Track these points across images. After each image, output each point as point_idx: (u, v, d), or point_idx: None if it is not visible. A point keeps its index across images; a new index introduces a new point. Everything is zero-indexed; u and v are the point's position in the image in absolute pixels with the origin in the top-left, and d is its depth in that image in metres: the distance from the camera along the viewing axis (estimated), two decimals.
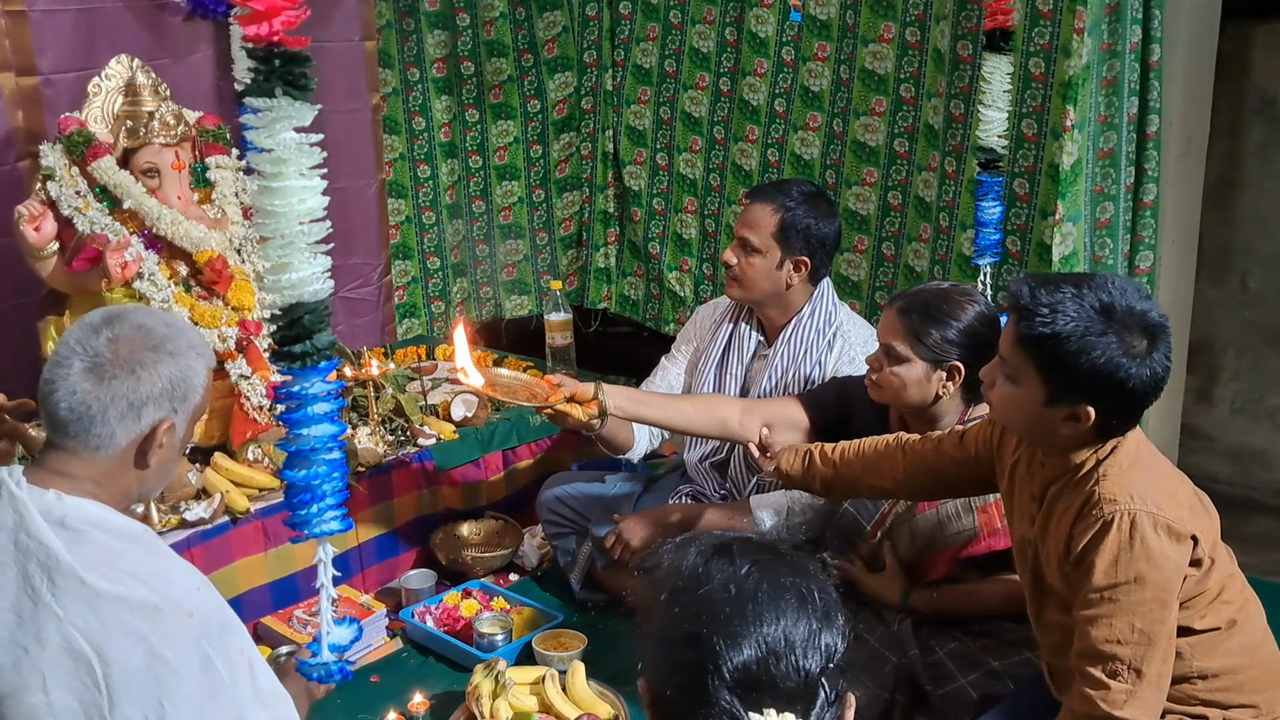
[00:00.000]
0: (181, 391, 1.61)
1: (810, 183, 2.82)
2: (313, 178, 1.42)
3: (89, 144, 2.84)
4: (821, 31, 3.66)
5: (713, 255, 4.13)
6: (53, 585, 1.47)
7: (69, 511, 1.54)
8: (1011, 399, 1.77)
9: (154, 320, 1.65)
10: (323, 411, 1.44)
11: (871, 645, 2.26)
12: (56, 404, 1.56)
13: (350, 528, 1.52)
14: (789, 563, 1.20)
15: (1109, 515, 1.69)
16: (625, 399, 2.48)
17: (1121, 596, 1.67)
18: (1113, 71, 3.04)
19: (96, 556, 1.51)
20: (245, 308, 2.90)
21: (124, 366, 1.57)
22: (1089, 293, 1.68)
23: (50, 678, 1.46)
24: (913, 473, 2.13)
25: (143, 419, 1.58)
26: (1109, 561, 1.68)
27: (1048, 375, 1.70)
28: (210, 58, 3.50)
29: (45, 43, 3.09)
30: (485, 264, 4.43)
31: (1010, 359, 1.75)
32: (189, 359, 1.63)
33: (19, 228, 2.76)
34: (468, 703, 2.41)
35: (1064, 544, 1.76)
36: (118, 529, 1.57)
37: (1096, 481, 1.73)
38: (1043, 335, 1.68)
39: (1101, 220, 3.13)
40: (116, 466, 1.60)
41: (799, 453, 2.27)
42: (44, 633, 1.46)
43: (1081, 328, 1.65)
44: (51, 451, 1.60)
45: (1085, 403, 1.69)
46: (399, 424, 3.18)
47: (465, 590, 2.93)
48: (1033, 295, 1.70)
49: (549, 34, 4.20)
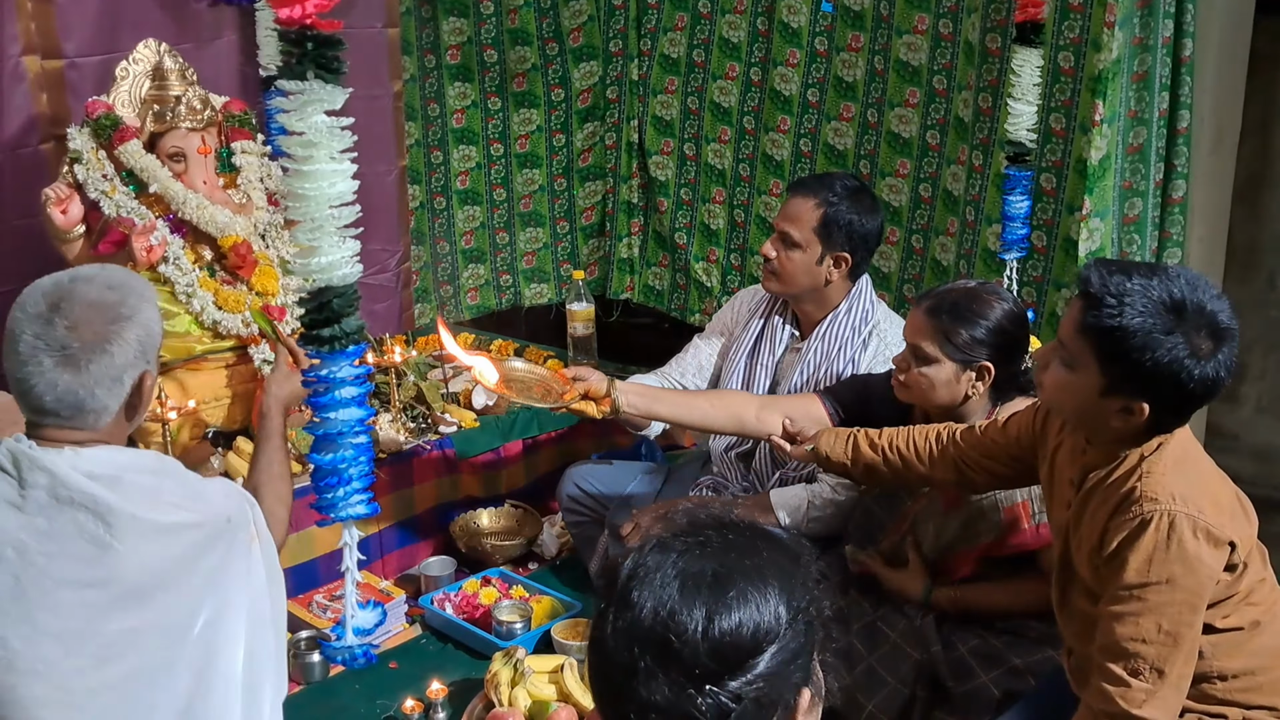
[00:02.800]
0: (150, 343, 1.68)
1: (854, 176, 2.79)
2: (343, 161, 1.42)
3: (116, 127, 2.86)
4: (855, 22, 3.64)
5: (741, 246, 4.11)
6: (109, 527, 1.56)
7: (95, 462, 1.62)
8: (1066, 384, 1.73)
9: (98, 290, 1.66)
10: (350, 395, 1.44)
11: (893, 640, 2.25)
12: (40, 397, 1.61)
13: (376, 512, 1.53)
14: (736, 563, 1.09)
15: (1148, 514, 1.66)
16: (639, 396, 2.44)
17: (1151, 596, 1.65)
18: (1144, 66, 3.00)
19: (138, 495, 1.60)
20: (269, 293, 2.91)
21: (94, 348, 1.61)
22: (1160, 286, 1.63)
23: (122, 608, 1.56)
24: (960, 462, 2.10)
25: (125, 384, 1.65)
26: (1143, 560, 1.65)
27: (1107, 366, 1.66)
28: (234, 43, 3.50)
29: (70, 26, 3.11)
30: (505, 252, 4.43)
31: (1070, 344, 1.71)
32: (144, 313, 1.68)
33: (46, 210, 2.78)
34: (486, 690, 2.41)
35: (1098, 535, 1.73)
36: (143, 466, 1.66)
37: (1140, 478, 1.70)
38: (1109, 327, 1.63)
39: (1130, 216, 3.10)
40: (111, 425, 1.67)
41: (842, 435, 2.23)
42: (113, 571, 1.56)
43: (1149, 324, 1.61)
44: (45, 428, 1.65)
45: (1141, 398, 1.66)
46: (420, 411, 3.19)
47: (485, 578, 2.93)
48: (1102, 283, 1.64)
49: (574, 22, 4.18)
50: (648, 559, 1.08)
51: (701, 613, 1.03)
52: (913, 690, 2.17)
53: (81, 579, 1.57)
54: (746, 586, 1.06)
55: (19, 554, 1.58)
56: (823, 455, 2.24)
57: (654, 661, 1.02)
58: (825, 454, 2.23)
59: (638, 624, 1.04)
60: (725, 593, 1.04)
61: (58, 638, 1.57)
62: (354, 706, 2.47)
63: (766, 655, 1.04)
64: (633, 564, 1.08)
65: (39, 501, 1.59)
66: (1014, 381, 2.30)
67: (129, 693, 1.63)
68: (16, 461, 1.61)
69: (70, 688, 1.58)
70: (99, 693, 1.61)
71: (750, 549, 1.11)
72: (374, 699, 2.50)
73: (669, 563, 1.07)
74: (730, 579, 1.06)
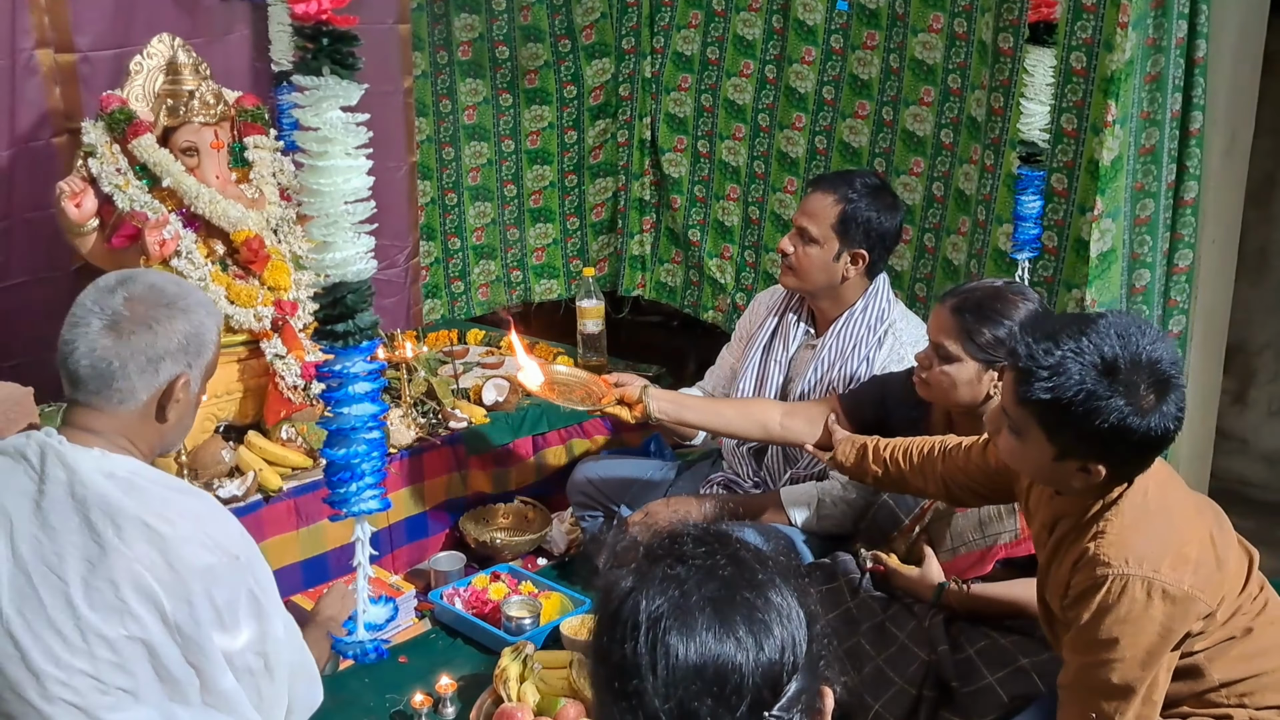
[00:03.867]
0: (195, 347, 1.70)
1: (875, 174, 2.80)
2: (358, 157, 1.43)
3: (130, 122, 2.86)
4: (871, 20, 3.64)
5: (756, 243, 4.11)
6: (118, 529, 1.58)
7: (114, 465, 1.64)
8: (1018, 451, 1.73)
9: (165, 280, 1.74)
10: (364, 391, 1.45)
11: (901, 641, 2.25)
12: (78, 361, 1.65)
13: (388, 507, 1.54)
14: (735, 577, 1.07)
15: (1100, 577, 1.65)
16: (669, 402, 2.54)
17: (1101, 653, 1.66)
18: (1157, 67, 3.00)
19: (152, 503, 1.62)
20: (281, 288, 2.91)
21: (141, 323, 1.66)
22: (1090, 348, 1.59)
23: (125, 613, 1.57)
24: (949, 479, 2.11)
25: (160, 374, 1.67)
26: (1093, 618, 1.66)
27: (1054, 435, 1.65)
28: (247, 38, 3.51)
29: (83, 20, 3.12)
30: (515, 248, 4.43)
31: (1013, 415, 1.70)
32: (200, 315, 1.72)
33: (60, 204, 2.79)
34: (495, 685, 2.41)
35: (1064, 584, 1.74)
36: (162, 480, 1.68)
37: (1094, 537, 1.68)
38: (1046, 400, 1.61)
39: (1141, 217, 3.09)
40: (139, 420, 1.69)
41: (854, 444, 2.27)
42: (115, 573, 1.57)
43: (1085, 391, 1.58)
44: (76, 409, 1.69)
45: (1095, 460, 1.65)
46: (430, 407, 3.19)
47: (494, 574, 2.94)
48: (1030, 355, 1.63)
49: (587, 20, 4.19)
50: (660, 602, 1.04)
51: (749, 640, 1.03)
52: (919, 691, 2.18)
53: (88, 580, 1.58)
54: (770, 603, 1.06)
55: (33, 551, 1.59)
56: (838, 461, 2.29)
57: (715, 703, 1.01)
58: (840, 460, 2.28)
59: (683, 668, 1.01)
60: (756, 615, 1.04)
61: (64, 638, 1.58)
62: (363, 700, 2.48)
63: (802, 666, 1.05)
64: (647, 611, 1.04)
65: (55, 498, 1.60)
66: None
67: (136, 696, 1.63)
68: (43, 455, 1.63)
69: (77, 687, 1.59)
70: (108, 692, 1.61)
71: (754, 563, 1.10)
72: (383, 693, 2.51)
73: (692, 599, 1.04)
74: (754, 601, 1.05)
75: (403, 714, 2.45)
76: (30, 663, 1.57)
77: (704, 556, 1.08)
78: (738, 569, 1.08)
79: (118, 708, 1.62)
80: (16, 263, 3.16)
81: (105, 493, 1.60)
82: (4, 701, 1.59)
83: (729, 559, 1.09)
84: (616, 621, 1.05)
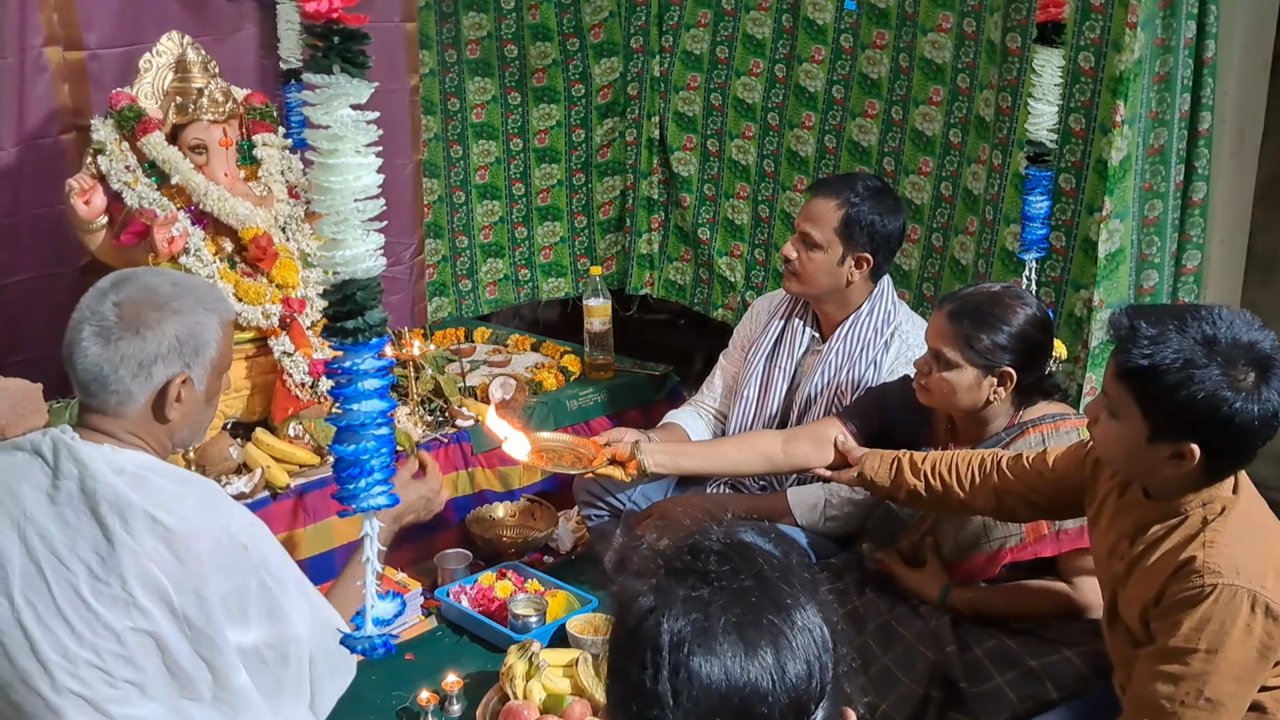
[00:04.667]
0: (192, 347, 1.71)
1: (876, 176, 2.79)
2: (368, 155, 1.43)
3: (139, 119, 2.87)
4: (880, 19, 3.64)
5: (766, 241, 4.11)
6: (126, 523, 1.59)
7: (125, 460, 1.66)
8: (1114, 436, 1.72)
9: (160, 280, 1.74)
10: (373, 387, 1.45)
11: (908, 640, 2.25)
12: (75, 367, 1.68)
13: (397, 503, 1.54)
14: (758, 600, 1.03)
15: (1208, 586, 1.63)
16: (664, 454, 2.43)
17: (1195, 663, 1.63)
18: (1165, 67, 2.99)
19: (159, 497, 1.63)
20: (289, 285, 2.92)
21: (129, 328, 1.67)
22: (1193, 324, 1.61)
23: (133, 606, 1.59)
24: (1003, 491, 2.08)
25: (154, 376, 1.68)
26: (1193, 627, 1.63)
27: (1149, 410, 1.64)
28: (254, 36, 3.52)
29: (92, 18, 3.13)
30: (523, 246, 4.44)
31: (1112, 393, 1.70)
32: (196, 315, 1.72)
33: (69, 201, 2.80)
34: (501, 683, 2.42)
35: (1154, 593, 1.71)
36: (172, 474, 1.70)
37: (1203, 546, 1.67)
38: (1142, 367, 1.62)
39: (1150, 218, 3.09)
40: (143, 420, 1.71)
41: (885, 459, 2.22)
42: (123, 566, 1.59)
43: (1183, 359, 1.59)
44: (85, 413, 1.72)
45: (1189, 440, 1.63)
46: (437, 405, 3.20)
47: (500, 571, 2.94)
48: (1132, 327, 1.64)
49: (595, 18, 4.19)
50: (682, 624, 1.00)
51: (776, 667, 0.99)
52: (927, 690, 2.17)
53: (97, 572, 1.59)
54: (796, 625, 1.02)
55: (44, 543, 1.60)
56: (868, 479, 2.23)
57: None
58: (870, 477, 2.22)
59: (707, 698, 0.98)
60: (783, 640, 1.01)
61: (73, 630, 1.59)
62: (370, 698, 2.48)
63: (829, 685, 1.03)
64: (670, 634, 1.00)
65: (68, 492, 1.62)
66: (1037, 386, 2.29)
67: (144, 690, 1.64)
68: (56, 450, 1.65)
69: (85, 679, 1.60)
70: (116, 685, 1.62)
71: (780, 583, 1.06)
72: (390, 690, 2.52)
73: (717, 623, 1.00)
74: (780, 625, 1.02)
75: (409, 711, 2.46)
76: (39, 653, 1.58)
77: (729, 576, 1.04)
78: (764, 590, 1.04)
79: (125, 701, 1.63)
80: (24, 259, 3.18)
81: (114, 487, 1.61)
82: (14, 691, 1.60)
83: (754, 578, 1.05)
84: (635, 641, 1.02)
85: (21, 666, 1.59)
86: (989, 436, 2.29)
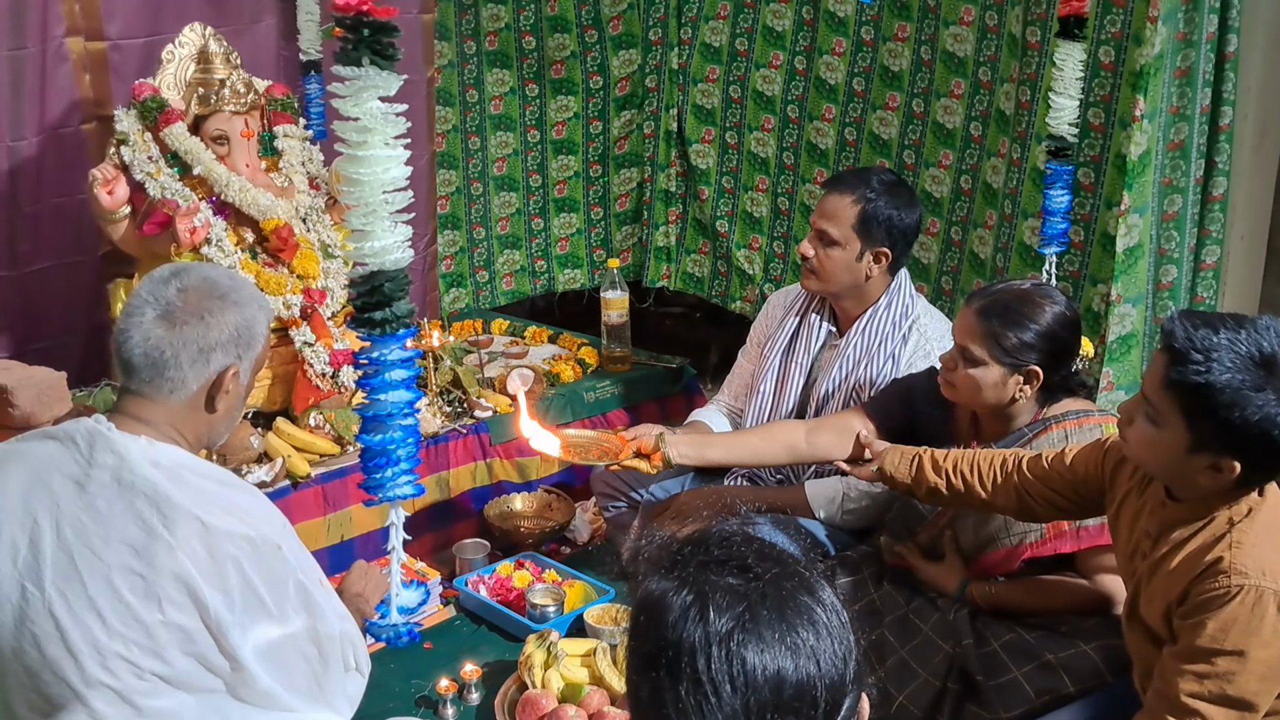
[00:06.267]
0: (246, 339, 1.73)
1: (891, 170, 2.78)
2: (396, 147, 1.44)
3: (162, 110, 2.89)
4: (902, 12, 3.63)
5: (785, 234, 4.11)
6: (164, 517, 1.60)
7: (161, 455, 1.66)
8: (1151, 440, 1.70)
9: (218, 273, 1.77)
10: (400, 378, 1.47)
11: (925, 633, 2.25)
12: (131, 350, 1.68)
13: (422, 492, 1.56)
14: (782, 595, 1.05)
15: (1235, 587, 1.63)
16: (689, 445, 2.46)
17: (1221, 663, 1.64)
18: (1187, 61, 2.98)
19: (196, 493, 1.64)
20: (310, 276, 2.94)
21: (194, 314, 1.68)
22: (1248, 340, 1.59)
23: (165, 599, 1.59)
24: (1025, 490, 2.07)
25: (211, 364, 1.70)
26: (1219, 627, 1.63)
27: (1194, 424, 1.62)
28: (274, 27, 3.54)
29: (113, 9, 3.15)
30: (540, 237, 4.45)
31: (1155, 401, 1.67)
32: (251, 309, 1.74)
33: (93, 191, 2.82)
34: (520, 672, 2.43)
35: (1179, 593, 1.71)
36: (208, 473, 1.70)
37: (1230, 547, 1.66)
38: (1195, 384, 1.59)
39: (1169, 213, 3.08)
40: (188, 410, 1.72)
41: (906, 456, 2.21)
42: (158, 560, 1.59)
43: (1238, 380, 1.57)
44: (128, 397, 1.72)
45: (1231, 456, 1.62)
46: (456, 396, 3.21)
47: (518, 561, 2.95)
48: (1188, 337, 1.61)
49: (614, 10, 4.19)
50: (727, 615, 1.02)
51: (813, 649, 1.02)
52: (944, 683, 2.17)
53: (130, 565, 1.60)
54: (830, 609, 1.05)
55: (76, 533, 1.61)
56: (887, 474, 2.23)
57: (800, 717, 1.00)
58: (890, 473, 2.22)
59: (764, 682, 1.00)
60: (818, 623, 1.03)
61: (104, 621, 1.59)
62: (389, 685, 2.49)
63: (851, 672, 1.05)
64: (717, 623, 1.02)
65: (102, 482, 1.62)
66: (1063, 384, 2.28)
67: (171, 684, 1.65)
68: (91, 440, 1.65)
69: (114, 671, 1.61)
70: (144, 678, 1.63)
71: (805, 572, 1.09)
72: (409, 678, 2.52)
73: (760, 613, 1.02)
74: (815, 608, 1.04)
75: (428, 699, 2.46)
76: (69, 643, 1.59)
77: (763, 566, 1.06)
78: (797, 579, 1.06)
79: (153, 693, 1.64)
80: (45, 247, 3.20)
81: (153, 480, 1.62)
82: (44, 682, 1.61)
83: (784, 567, 1.07)
84: (677, 633, 1.03)
85: (51, 656, 1.60)
86: (1012, 432, 2.29)
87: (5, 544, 1.62)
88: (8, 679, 1.63)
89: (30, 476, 1.65)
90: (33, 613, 1.60)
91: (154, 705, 1.64)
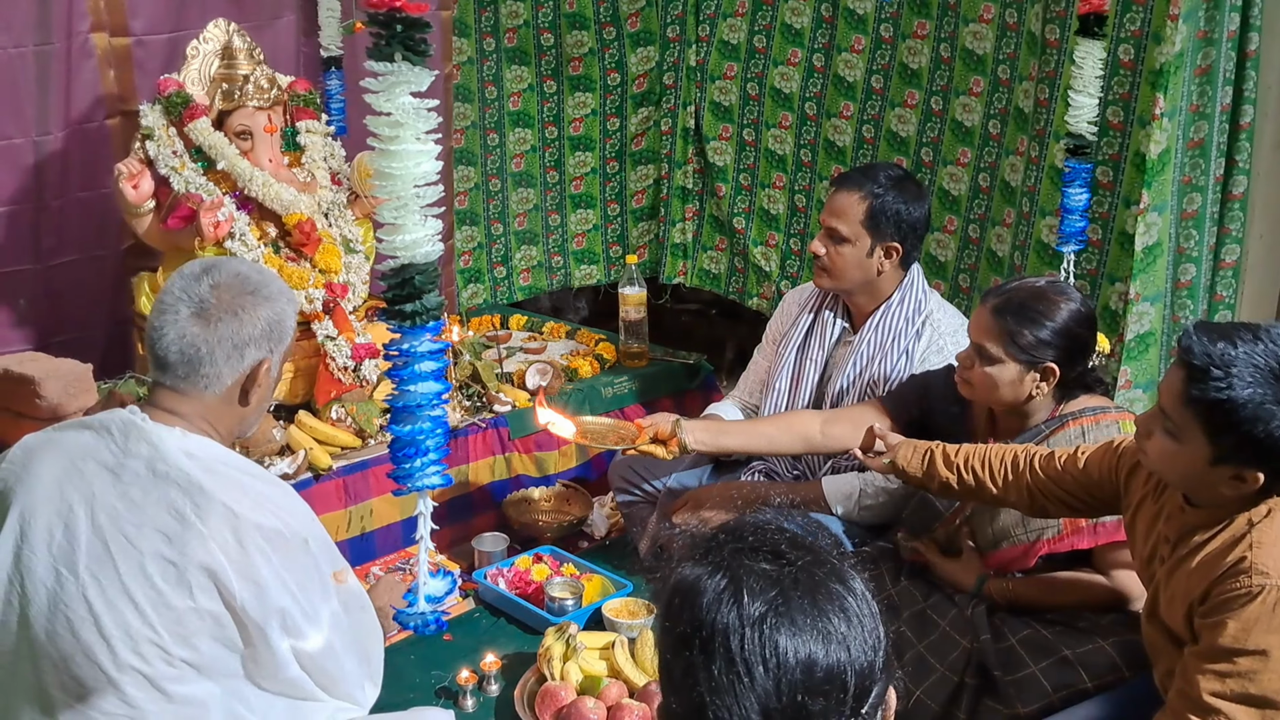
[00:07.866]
0: (278, 333, 1.77)
1: (897, 165, 2.79)
2: (428, 142, 1.46)
3: (186, 105, 2.91)
4: (921, 9, 3.63)
5: (802, 231, 4.12)
6: (197, 507, 1.63)
7: (194, 446, 1.69)
8: (1171, 454, 1.70)
9: (248, 269, 1.80)
10: (429, 369, 1.48)
11: (942, 628, 2.26)
12: (167, 348, 1.70)
13: (450, 483, 1.58)
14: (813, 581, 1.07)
15: (1256, 586, 1.64)
16: (704, 432, 2.49)
17: (1243, 662, 1.64)
18: (1208, 60, 2.98)
19: (228, 485, 1.67)
20: (332, 270, 2.96)
21: (228, 310, 1.71)
22: (1266, 352, 1.59)
23: (195, 587, 1.62)
24: (1037, 488, 2.08)
25: (245, 359, 1.73)
26: (1241, 627, 1.64)
27: (1216, 439, 1.62)
28: (294, 24, 3.55)
29: (138, 4, 3.17)
30: (556, 233, 4.46)
31: (1175, 416, 1.67)
32: (281, 303, 1.78)
33: (118, 185, 2.84)
34: (539, 664, 2.45)
35: (1200, 594, 1.71)
36: (240, 466, 1.74)
37: (1250, 547, 1.67)
38: (1215, 400, 1.59)
39: (1189, 211, 3.08)
40: (222, 404, 1.75)
41: (919, 449, 2.21)
42: (189, 548, 1.62)
43: (1259, 394, 1.57)
44: (162, 391, 1.75)
45: (1255, 468, 1.63)
46: (475, 390, 3.23)
47: (536, 555, 2.97)
48: (1205, 353, 1.61)
49: (632, 8, 4.20)
50: (759, 600, 1.04)
51: (844, 636, 1.04)
52: (961, 678, 2.19)
53: (162, 552, 1.62)
54: (860, 597, 1.07)
55: (110, 520, 1.64)
56: (900, 468, 2.23)
57: (826, 703, 1.02)
58: (902, 467, 2.23)
59: (797, 667, 1.02)
60: (849, 611, 1.06)
61: (136, 606, 1.63)
62: (409, 676, 2.52)
63: (880, 662, 1.07)
64: (750, 607, 1.04)
65: (136, 472, 1.65)
66: (1080, 381, 2.29)
67: (200, 670, 1.68)
68: (125, 430, 1.68)
69: (145, 655, 1.64)
70: (173, 664, 1.66)
71: (836, 560, 1.11)
72: (429, 670, 2.55)
73: (792, 599, 1.04)
74: (846, 597, 1.06)
75: (448, 690, 2.49)
76: (102, 628, 1.62)
77: (794, 554, 1.08)
78: (828, 567, 1.09)
79: (182, 680, 1.66)
80: (69, 241, 3.23)
81: (186, 471, 1.65)
82: (76, 665, 1.64)
83: (816, 556, 1.09)
84: (711, 616, 1.05)
85: (85, 640, 1.63)
86: (1029, 429, 2.30)
87: (41, 529, 1.65)
88: (41, 661, 1.66)
89: (66, 464, 1.68)
90: (66, 597, 1.63)
91: (182, 692, 1.66)
